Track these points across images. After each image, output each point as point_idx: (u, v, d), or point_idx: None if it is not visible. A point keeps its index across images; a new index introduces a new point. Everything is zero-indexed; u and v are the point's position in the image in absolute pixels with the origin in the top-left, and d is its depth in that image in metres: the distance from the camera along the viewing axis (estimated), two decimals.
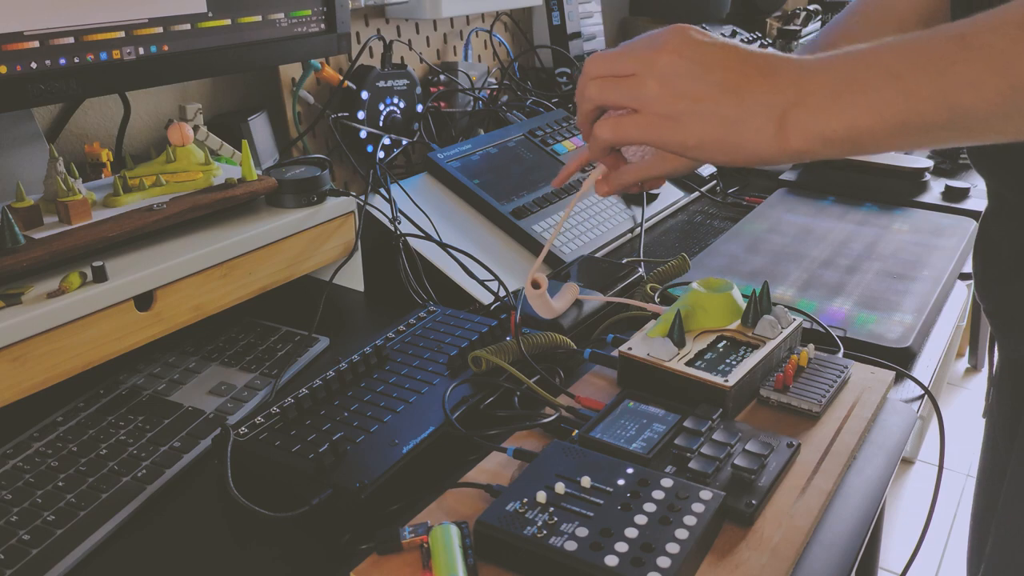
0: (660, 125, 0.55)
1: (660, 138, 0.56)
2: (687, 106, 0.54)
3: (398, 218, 0.97)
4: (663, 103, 0.55)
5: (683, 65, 0.54)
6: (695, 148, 0.55)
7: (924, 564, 1.98)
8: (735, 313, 0.76)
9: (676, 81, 0.54)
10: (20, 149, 0.87)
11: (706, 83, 0.53)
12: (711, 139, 0.54)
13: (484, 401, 0.71)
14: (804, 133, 0.52)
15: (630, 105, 0.57)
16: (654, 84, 0.55)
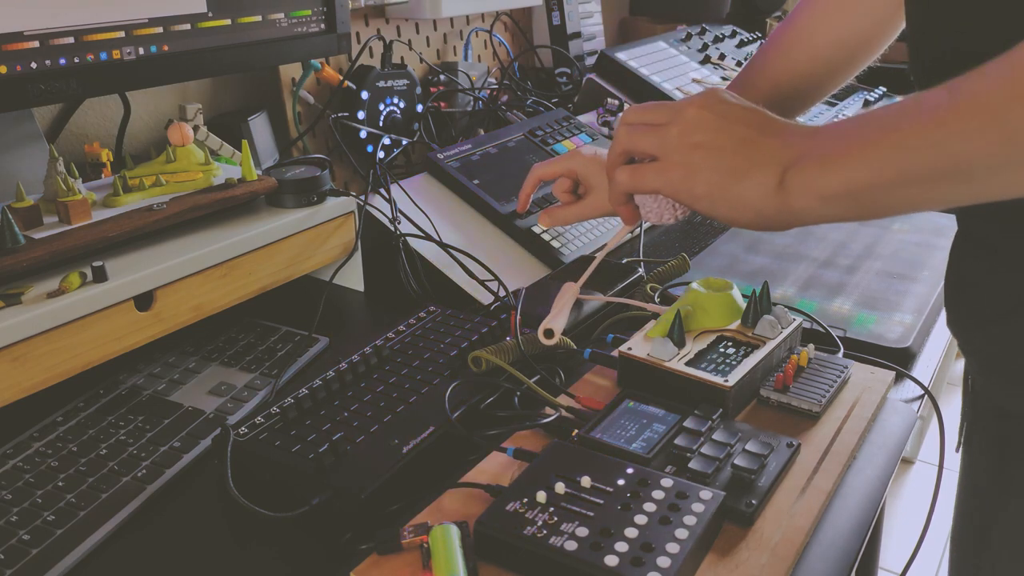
0: (674, 172, 0.57)
1: (671, 185, 0.58)
2: (701, 156, 0.56)
3: (398, 218, 0.97)
4: (681, 151, 0.57)
5: (707, 118, 0.57)
6: (703, 198, 0.57)
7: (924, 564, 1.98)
8: (735, 313, 0.76)
9: (696, 132, 0.57)
10: (20, 149, 0.87)
11: (723, 136, 0.56)
12: (718, 190, 0.56)
13: (484, 401, 0.71)
14: (803, 190, 0.53)
15: (652, 152, 0.59)
16: (676, 132, 0.57)
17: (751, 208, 0.55)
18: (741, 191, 0.55)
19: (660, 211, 0.64)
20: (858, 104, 1.61)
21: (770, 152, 0.54)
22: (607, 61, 1.46)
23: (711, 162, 0.56)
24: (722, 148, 0.56)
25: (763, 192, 0.54)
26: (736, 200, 0.56)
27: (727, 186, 0.55)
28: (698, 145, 0.56)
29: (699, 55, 1.61)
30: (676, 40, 1.64)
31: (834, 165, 0.51)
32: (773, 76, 0.84)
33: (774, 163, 0.54)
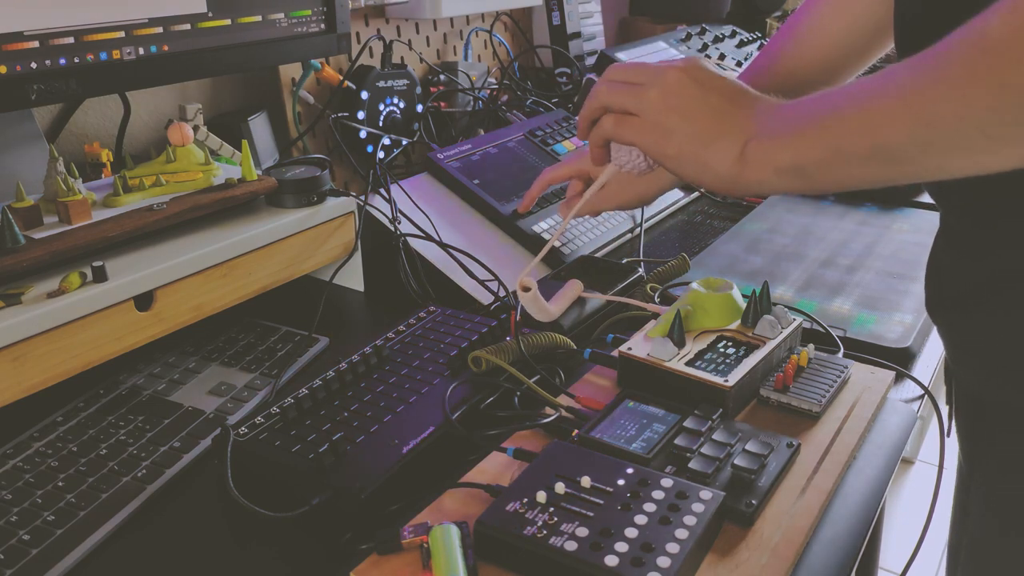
0: (651, 131, 0.61)
1: (646, 140, 0.62)
2: (676, 120, 0.60)
3: (398, 218, 0.97)
4: (658, 112, 0.61)
5: (686, 84, 0.60)
6: (673, 158, 0.61)
7: (924, 564, 1.98)
8: (735, 313, 0.76)
9: (674, 96, 0.60)
10: (20, 149, 0.87)
11: (699, 103, 0.60)
12: (687, 153, 0.60)
13: (484, 401, 0.71)
14: (758, 162, 0.57)
15: (630, 109, 0.62)
16: (656, 94, 0.61)
17: (712, 172, 0.59)
18: (707, 156, 0.59)
19: (632, 160, 0.67)
20: None
21: (736, 123, 0.58)
22: (607, 61, 1.45)
23: (684, 126, 0.60)
24: (695, 114, 0.60)
25: (725, 159, 0.58)
26: (701, 164, 0.60)
27: (695, 150, 0.59)
28: (674, 108, 0.60)
29: (699, 55, 1.61)
30: (676, 40, 1.64)
31: (785, 141, 0.55)
32: (787, 64, 0.84)
33: (738, 134, 0.58)
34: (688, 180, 0.62)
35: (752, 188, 0.58)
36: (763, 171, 0.57)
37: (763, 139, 0.57)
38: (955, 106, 0.46)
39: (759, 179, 0.57)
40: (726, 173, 0.58)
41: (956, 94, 0.46)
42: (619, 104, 0.63)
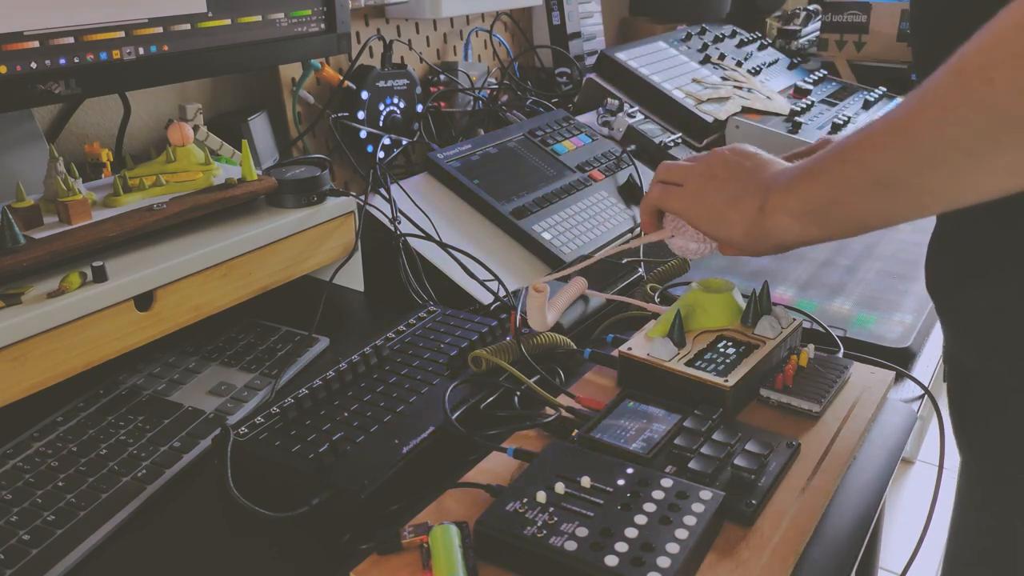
0: (689, 196, 0.68)
1: (684, 205, 0.69)
2: (712, 186, 0.67)
3: (398, 218, 0.97)
4: (698, 180, 0.68)
5: (726, 157, 0.68)
6: (705, 220, 0.67)
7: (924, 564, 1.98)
8: (735, 313, 0.76)
9: (714, 167, 0.68)
10: (20, 149, 0.87)
11: (732, 171, 0.66)
12: (716, 213, 0.66)
13: (484, 401, 0.70)
14: (774, 210, 0.61)
15: (677, 180, 0.70)
16: (700, 167, 0.69)
17: (738, 229, 0.65)
18: (732, 214, 0.65)
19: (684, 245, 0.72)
20: (858, 104, 1.61)
21: (759, 182, 0.64)
22: (607, 61, 1.46)
23: (716, 190, 0.66)
24: (727, 180, 0.66)
25: (748, 215, 0.64)
26: (728, 222, 0.65)
27: (724, 210, 0.66)
28: (712, 176, 0.67)
29: (699, 55, 1.61)
30: (676, 40, 1.64)
31: (796, 185, 0.60)
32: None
33: (759, 191, 0.63)
34: (720, 241, 0.68)
35: (772, 236, 0.62)
36: (779, 218, 0.61)
37: (779, 190, 0.62)
38: (930, 124, 0.50)
39: (776, 225, 0.62)
40: (748, 226, 0.64)
41: (931, 113, 0.50)
42: (671, 177, 0.70)
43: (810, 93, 1.61)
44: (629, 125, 1.31)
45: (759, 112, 1.44)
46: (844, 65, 1.83)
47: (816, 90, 1.65)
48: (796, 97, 1.59)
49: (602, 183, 1.18)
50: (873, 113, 1.58)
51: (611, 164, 1.22)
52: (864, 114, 1.56)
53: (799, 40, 1.94)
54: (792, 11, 2.05)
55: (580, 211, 1.10)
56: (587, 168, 1.19)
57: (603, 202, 1.14)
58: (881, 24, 1.77)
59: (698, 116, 1.38)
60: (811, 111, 1.52)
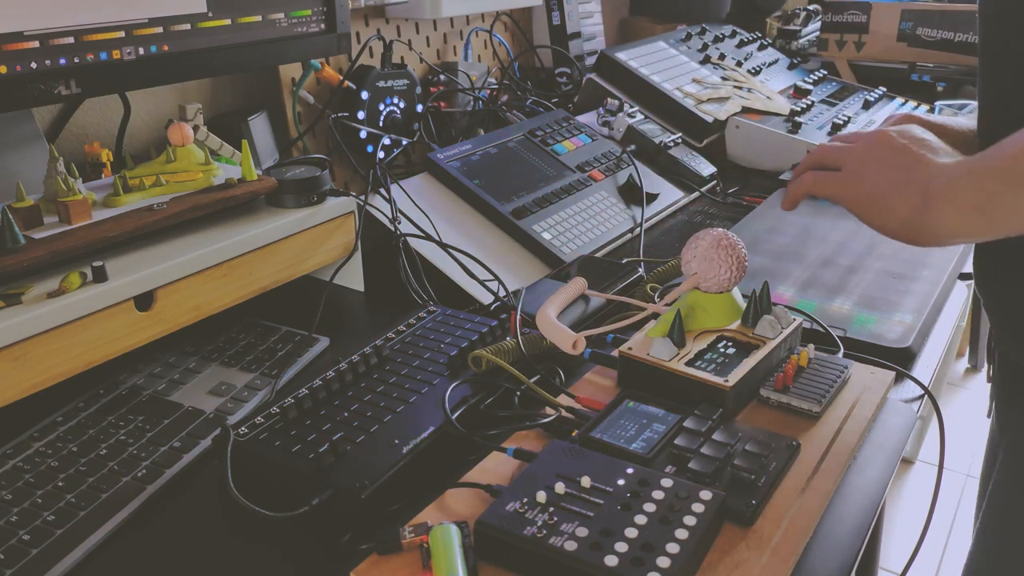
0: (848, 179, 0.66)
1: (843, 189, 0.66)
2: (873, 168, 0.65)
3: (398, 218, 0.97)
4: (858, 161, 0.66)
5: (888, 139, 0.65)
6: (864, 204, 0.65)
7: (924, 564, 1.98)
8: (735, 313, 0.76)
9: (875, 149, 0.65)
10: (20, 149, 0.87)
11: (895, 154, 0.64)
12: (876, 197, 0.64)
13: (484, 401, 0.70)
14: (938, 201, 0.60)
15: (837, 163, 0.68)
16: (860, 147, 0.66)
17: (897, 216, 0.63)
18: (893, 199, 0.63)
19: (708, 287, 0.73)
20: (858, 104, 1.61)
21: (926, 170, 0.62)
22: (607, 61, 1.46)
23: (877, 173, 0.64)
24: (890, 163, 0.64)
25: (908, 202, 0.62)
26: (887, 207, 0.63)
27: (884, 195, 0.63)
28: (875, 159, 0.65)
29: (699, 55, 1.61)
30: (676, 40, 1.64)
31: (970, 178, 0.59)
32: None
33: (923, 179, 0.61)
34: (876, 227, 0.65)
35: (934, 228, 0.61)
36: (944, 211, 0.60)
37: (948, 181, 0.60)
38: None
39: (939, 220, 0.60)
40: (908, 215, 0.62)
41: None
42: (829, 158, 0.68)
43: (810, 93, 1.61)
44: (629, 125, 1.31)
45: (759, 112, 1.44)
46: (844, 65, 1.83)
47: (816, 90, 1.65)
48: (796, 97, 1.59)
49: (602, 183, 1.18)
50: (873, 113, 1.58)
51: (611, 164, 1.22)
52: (864, 114, 1.56)
53: (799, 40, 1.94)
54: (792, 11, 2.05)
55: (580, 211, 1.10)
56: (587, 168, 1.19)
57: (603, 202, 1.14)
58: (881, 24, 1.77)
59: (698, 116, 1.38)
60: (811, 111, 1.52)
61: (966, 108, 1.40)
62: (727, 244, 0.73)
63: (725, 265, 0.73)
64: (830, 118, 1.49)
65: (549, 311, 0.77)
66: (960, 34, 1.70)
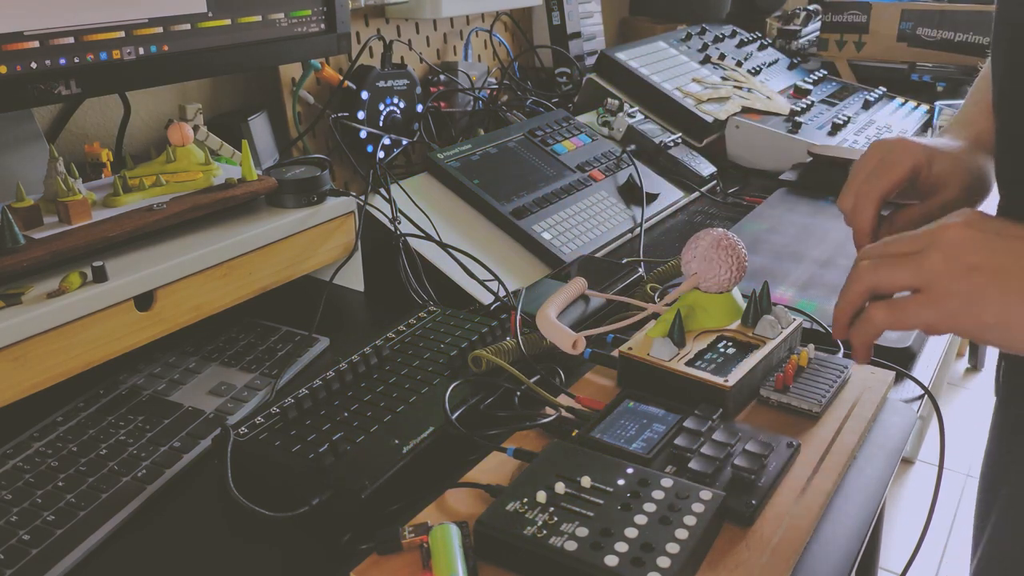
0: (950, 302, 0.50)
1: (950, 316, 0.50)
2: (984, 280, 0.49)
3: (398, 218, 0.97)
4: (953, 277, 0.50)
5: (976, 236, 0.50)
6: (995, 327, 0.49)
7: (924, 564, 1.98)
8: (735, 313, 0.76)
9: (968, 253, 0.50)
10: (20, 149, 0.87)
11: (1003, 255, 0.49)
12: (1014, 315, 0.48)
13: (484, 401, 0.70)
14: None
15: (910, 284, 0.51)
16: (940, 257, 0.50)
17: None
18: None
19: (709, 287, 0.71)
20: (858, 104, 1.61)
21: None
22: (607, 61, 1.46)
23: (997, 284, 0.49)
24: (1006, 268, 0.49)
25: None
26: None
27: (1017, 313, 0.48)
28: (974, 267, 0.49)
29: (699, 55, 1.61)
30: (676, 40, 1.64)
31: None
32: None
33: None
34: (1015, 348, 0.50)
35: None
36: None
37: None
38: None
39: None
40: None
41: None
42: (893, 281, 0.52)
43: (810, 93, 1.61)
44: (629, 125, 1.31)
45: (759, 112, 1.44)
46: (844, 65, 1.83)
47: (816, 90, 1.65)
48: (796, 97, 1.59)
49: (602, 183, 1.18)
50: (873, 113, 1.58)
51: (611, 164, 1.22)
52: (864, 114, 1.56)
53: (799, 40, 1.94)
54: (792, 11, 2.05)
55: (580, 211, 1.10)
56: (587, 168, 1.19)
57: (603, 202, 1.14)
58: (881, 24, 1.77)
59: (698, 116, 1.38)
60: (811, 111, 1.52)
61: None
62: (727, 244, 0.73)
63: (725, 265, 0.73)
64: (830, 118, 1.49)
65: (549, 311, 0.77)
66: (960, 34, 1.71)
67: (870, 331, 0.54)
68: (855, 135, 1.45)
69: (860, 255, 0.55)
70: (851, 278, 0.55)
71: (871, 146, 0.71)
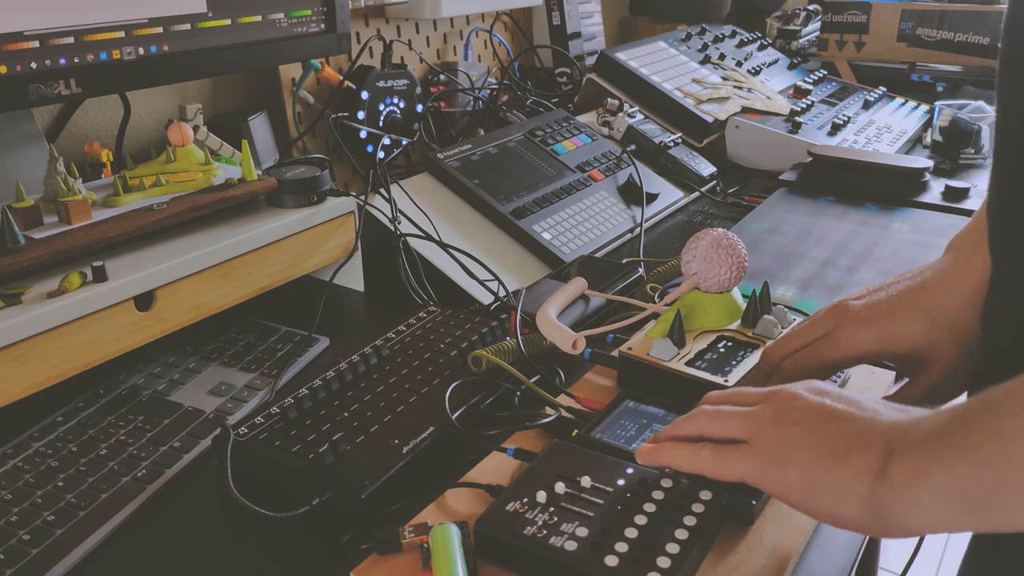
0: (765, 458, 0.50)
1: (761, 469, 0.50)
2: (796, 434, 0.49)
3: (398, 218, 0.97)
4: (773, 428, 0.50)
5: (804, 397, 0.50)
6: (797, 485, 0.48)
7: (924, 564, 1.98)
8: (735, 313, 0.76)
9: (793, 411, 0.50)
10: (20, 149, 0.87)
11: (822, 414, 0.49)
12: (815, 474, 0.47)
13: (484, 401, 0.71)
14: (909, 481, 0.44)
15: (738, 433, 0.51)
16: (770, 411, 0.51)
17: (853, 499, 0.46)
18: (841, 477, 0.46)
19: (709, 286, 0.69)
20: (858, 104, 1.61)
21: (873, 433, 0.46)
22: (607, 61, 1.46)
23: (806, 439, 0.48)
24: (820, 426, 0.48)
25: (866, 479, 0.45)
26: (835, 489, 0.46)
27: (825, 471, 0.47)
28: (794, 423, 0.49)
29: (699, 55, 1.61)
30: (676, 40, 1.64)
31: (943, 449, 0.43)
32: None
33: (877, 445, 0.45)
34: (821, 517, 0.48)
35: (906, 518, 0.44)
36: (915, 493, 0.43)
37: (912, 450, 0.44)
38: None
39: (909, 503, 0.43)
40: (866, 497, 0.45)
41: None
42: (725, 428, 0.52)
43: (810, 93, 1.61)
44: (629, 125, 1.31)
45: (759, 112, 1.44)
46: (844, 65, 1.83)
47: (816, 90, 1.65)
48: (796, 97, 1.59)
49: (602, 183, 1.18)
50: (873, 113, 1.58)
51: (611, 164, 1.22)
52: (864, 114, 1.56)
53: (799, 40, 1.94)
54: (792, 11, 2.05)
55: (580, 211, 1.10)
56: (587, 168, 1.19)
57: (603, 202, 1.14)
58: (881, 24, 1.77)
59: (698, 116, 1.38)
60: (811, 111, 1.52)
61: (966, 108, 1.40)
62: (727, 244, 0.73)
63: (725, 265, 0.73)
64: (830, 118, 1.49)
65: (549, 311, 0.77)
66: (960, 34, 1.71)
67: (691, 460, 0.53)
68: (855, 135, 1.45)
69: (703, 399, 0.56)
70: (686, 419, 0.55)
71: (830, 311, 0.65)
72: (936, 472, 0.42)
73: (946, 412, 0.45)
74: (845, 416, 0.48)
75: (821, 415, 0.49)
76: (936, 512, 0.43)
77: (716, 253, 0.73)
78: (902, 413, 0.47)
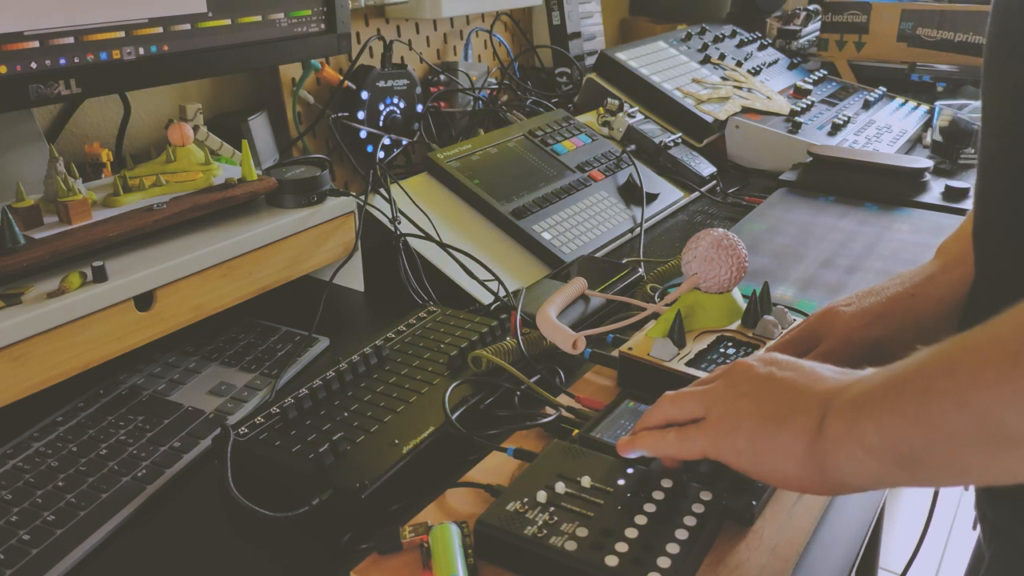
0: (718, 428, 0.52)
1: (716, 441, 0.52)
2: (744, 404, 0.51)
3: (398, 218, 0.97)
4: (725, 402, 0.52)
5: (755, 370, 0.53)
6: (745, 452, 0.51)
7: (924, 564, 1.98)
8: (735, 313, 0.76)
9: (743, 383, 0.52)
10: (20, 149, 0.87)
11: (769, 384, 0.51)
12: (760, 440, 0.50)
13: (484, 401, 0.70)
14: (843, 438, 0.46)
15: (697, 412, 0.54)
16: (722, 386, 0.53)
17: (794, 460, 0.48)
18: (782, 439, 0.48)
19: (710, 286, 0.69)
20: (858, 104, 1.61)
21: (812, 395, 0.48)
22: (607, 61, 1.46)
23: (752, 408, 0.51)
24: (765, 395, 0.51)
25: (801, 438, 0.47)
26: (778, 451, 0.49)
27: (768, 434, 0.49)
28: (743, 394, 0.52)
29: (699, 55, 1.61)
30: (676, 40, 1.64)
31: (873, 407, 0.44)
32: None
33: (815, 406, 0.48)
34: (769, 480, 0.51)
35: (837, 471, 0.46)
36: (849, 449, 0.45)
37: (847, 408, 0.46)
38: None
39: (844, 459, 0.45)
40: (806, 452, 0.47)
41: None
42: (684, 409, 0.55)
43: (810, 93, 1.61)
44: (629, 125, 1.31)
45: (759, 112, 1.44)
46: (844, 65, 1.83)
47: (816, 90, 1.65)
48: (796, 97, 1.59)
49: (602, 183, 1.18)
50: (873, 113, 1.58)
51: (611, 164, 1.22)
52: (864, 114, 1.56)
53: (799, 40, 1.94)
54: (792, 11, 2.05)
55: (580, 211, 1.10)
56: (587, 168, 1.19)
57: (603, 202, 1.14)
58: (881, 24, 1.77)
59: (698, 116, 1.38)
60: (811, 111, 1.52)
61: (966, 108, 1.40)
62: (727, 244, 0.73)
63: (725, 265, 0.73)
64: (830, 118, 1.49)
65: (549, 311, 0.77)
66: (960, 34, 1.71)
67: (659, 444, 0.56)
68: (855, 135, 1.45)
69: (667, 392, 0.58)
70: (653, 408, 0.57)
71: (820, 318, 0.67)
72: (868, 429, 0.44)
73: (881, 372, 0.46)
74: (788, 382, 0.50)
75: (767, 383, 0.51)
76: (869, 467, 0.45)
77: (716, 253, 0.73)
78: (843, 375, 0.49)
